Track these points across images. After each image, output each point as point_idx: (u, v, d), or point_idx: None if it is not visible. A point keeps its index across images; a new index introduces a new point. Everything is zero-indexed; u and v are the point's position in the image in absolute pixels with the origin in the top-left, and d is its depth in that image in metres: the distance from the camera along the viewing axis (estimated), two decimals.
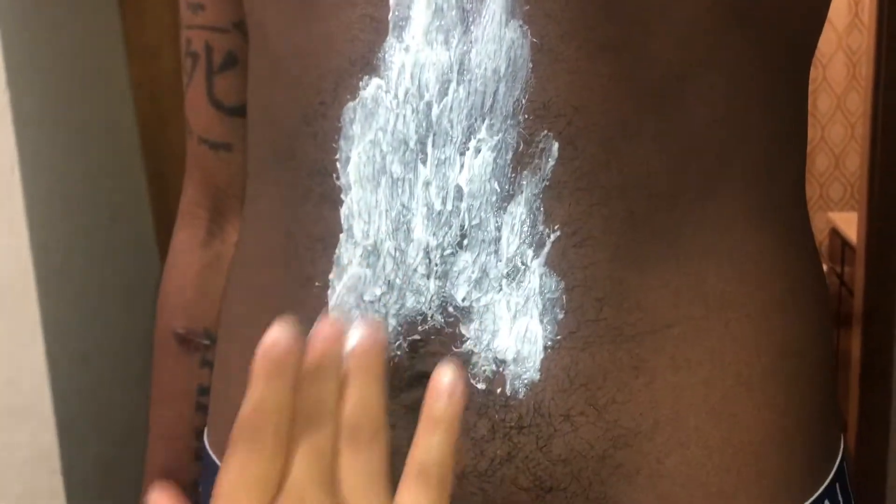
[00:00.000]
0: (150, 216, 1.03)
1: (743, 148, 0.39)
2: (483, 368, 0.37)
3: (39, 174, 0.88)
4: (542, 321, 0.36)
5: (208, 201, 0.56)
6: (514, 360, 0.36)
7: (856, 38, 2.55)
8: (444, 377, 0.28)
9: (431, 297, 0.38)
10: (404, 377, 0.38)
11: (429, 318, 0.38)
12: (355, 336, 0.29)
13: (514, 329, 0.37)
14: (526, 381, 0.36)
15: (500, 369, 0.37)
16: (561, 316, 0.36)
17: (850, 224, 2.21)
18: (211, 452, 0.49)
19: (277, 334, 0.28)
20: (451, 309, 0.37)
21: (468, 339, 0.37)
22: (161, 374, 0.58)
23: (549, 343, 0.36)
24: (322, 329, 0.29)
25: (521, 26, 0.36)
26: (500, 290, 0.37)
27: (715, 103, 0.38)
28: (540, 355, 0.36)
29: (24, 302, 0.87)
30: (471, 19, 0.37)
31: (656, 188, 0.37)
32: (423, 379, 0.38)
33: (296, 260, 0.42)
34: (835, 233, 2.46)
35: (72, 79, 0.93)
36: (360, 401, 0.28)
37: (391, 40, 0.38)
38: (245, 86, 0.53)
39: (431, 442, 0.28)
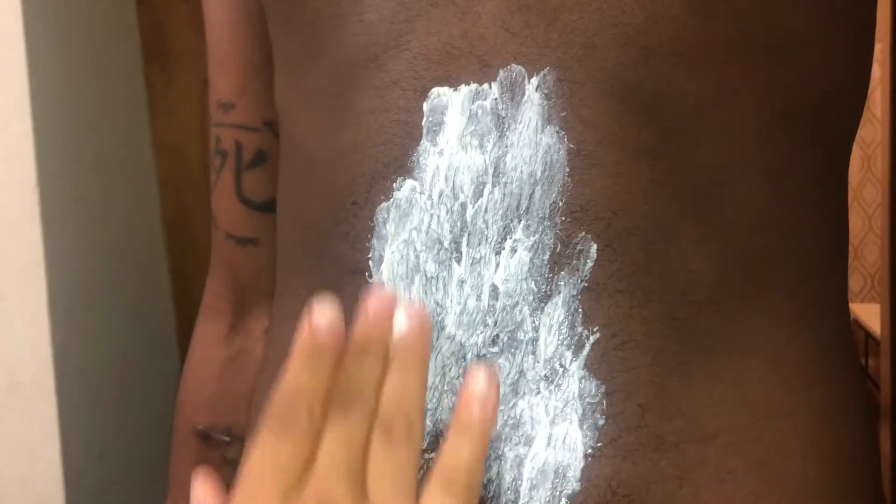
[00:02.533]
0: (172, 313, 1.03)
1: (786, 252, 0.39)
2: (521, 480, 0.35)
3: (64, 269, 0.89)
4: (581, 427, 0.35)
5: (232, 296, 0.56)
6: (555, 468, 0.35)
7: (869, 130, 2.58)
8: (478, 384, 0.27)
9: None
10: None
11: None
12: (403, 319, 0.27)
13: (553, 435, 0.35)
14: (567, 493, 0.35)
15: (541, 480, 0.35)
16: (601, 422, 0.35)
17: (872, 316, 2.18)
18: None
19: (322, 313, 0.26)
20: None
21: (504, 444, 0.36)
22: (180, 471, 0.56)
23: (590, 451, 0.35)
24: (374, 302, 0.27)
25: (557, 132, 0.37)
26: (538, 392, 0.36)
27: (757, 208, 0.38)
28: (580, 464, 0.35)
29: (41, 398, 0.86)
30: (506, 125, 0.37)
31: (698, 292, 0.37)
32: None
33: None
34: (856, 324, 2.43)
35: (100, 175, 0.94)
36: (399, 391, 0.26)
37: (425, 144, 0.38)
38: (273, 182, 0.53)
39: (462, 449, 0.26)
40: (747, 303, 0.37)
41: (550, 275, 0.36)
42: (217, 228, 0.56)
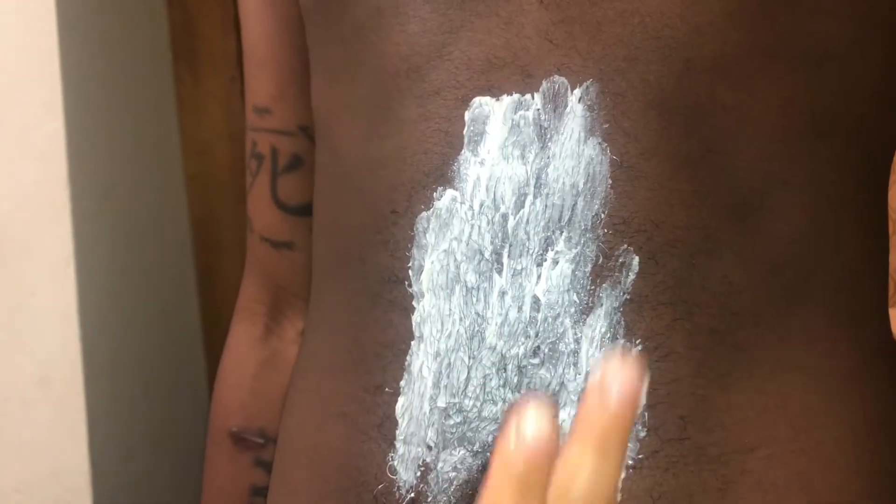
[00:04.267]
0: (198, 312, 1.04)
1: (827, 263, 0.38)
2: None
3: (94, 266, 0.90)
4: None
5: (267, 298, 0.56)
6: None
7: None
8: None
9: (507, 409, 0.37)
10: (477, 491, 0.37)
11: None
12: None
13: None
14: None
15: None
16: (643, 434, 0.35)
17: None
18: None
19: (533, 424, 0.20)
20: None
21: None
22: (213, 473, 0.57)
23: (631, 462, 0.35)
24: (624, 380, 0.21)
25: (599, 143, 0.37)
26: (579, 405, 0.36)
27: (798, 218, 0.38)
28: (622, 475, 0.35)
29: (70, 394, 0.87)
30: (548, 136, 0.37)
31: (739, 304, 0.37)
32: None
33: (363, 367, 0.41)
34: None
35: (130, 174, 0.95)
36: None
37: (466, 154, 0.38)
38: (309, 186, 0.53)
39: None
40: (788, 314, 0.37)
41: (592, 287, 0.36)
42: (252, 231, 0.56)
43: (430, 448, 0.38)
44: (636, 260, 0.36)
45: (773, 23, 0.37)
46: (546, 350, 0.36)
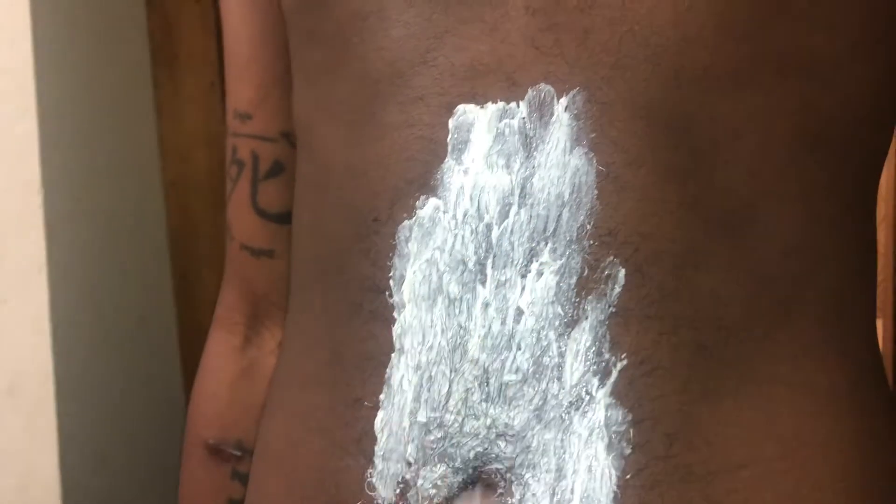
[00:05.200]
0: (175, 320, 1.02)
1: (816, 279, 0.38)
2: None
3: (67, 273, 0.88)
4: (607, 456, 0.34)
5: (246, 307, 0.55)
6: (580, 499, 0.34)
7: None
8: None
9: (489, 423, 0.36)
10: None
11: (486, 448, 0.36)
12: None
13: (578, 464, 0.35)
14: None
15: None
16: (628, 451, 0.34)
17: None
18: None
19: None
20: (509, 438, 0.36)
21: (526, 471, 0.35)
22: (189, 485, 0.55)
23: (616, 481, 0.34)
24: None
25: (586, 153, 0.36)
26: (563, 420, 0.35)
27: (787, 232, 0.37)
28: (606, 494, 0.34)
29: (41, 404, 0.85)
30: (533, 145, 0.37)
31: (727, 318, 0.36)
32: None
33: (343, 379, 0.40)
34: None
35: (105, 178, 0.94)
36: None
37: (450, 162, 0.38)
38: (290, 193, 0.52)
39: None
40: (776, 330, 0.37)
41: (577, 299, 0.35)
42: (232, 239, 0.55)
43: (409, 464, 0.37)
44: (622, 272, 0.35)
45: (765, 34, 0.36)
46: (530, 364, 0.36)
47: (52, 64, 0.87)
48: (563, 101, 0.36)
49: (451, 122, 0.38)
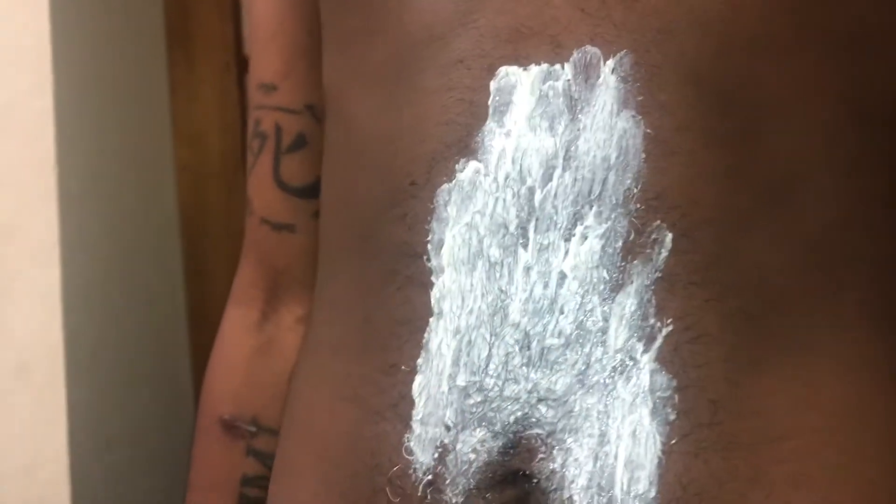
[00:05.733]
0: (184, 301, 1.01)
1: (861, 250, 0.37)
2: (587, 473, 0.34)
3: (80, 251, 0.87)
4: (651, 422, 0.34)
5: (264, 283, 0.54)
6: (624, 464, 0.34)
7: None
8: None
9: (530, 388, 0.35)
10: (497, 474, 0.35)
11: (527, 412, 0.35)
12: None
13: (621, 429, 0.34)
14: (636, 488, 0.34)
15: (608, 475, 0.34)
16: (672, 417, 0.34)
17: None
18: None
19: None
20: (551, 403, 0.35)
21: (568, 435, 0.35)
22: (202, 461, 0.55)
23: (660, 446, 0.34)
24: None
25: (633, 116, 0.36)
26: (606, 384, 0.35)
27: (833, 204, 0.37)
28: (654, 461, 0.34)
29: (50, 382, 0.84)
30: (578, 108, 0.36)
31: (773, 288, 0.35)
32: (516, 477, 0.35)
33: (376, 345, 0.40)
34: None
35: (119, 157, 0.93)
36: None
37: (491, 125, 0.37)
38: (313, 167, 0.52)
39: None
40: (821, 301, 0.36)
41: (623, 264, 0.35)
42: (252, 213, 0.54)
43: (448, 428, 0.36)
44: (669, 237, 0.35)
45: (814, 4, 0.36)
46: (573, 328, 0.35)
47: (69, 41, 0.86)
48: (610, 63, 0.36)
49: (493, 85, 0.37)
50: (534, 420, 0.35)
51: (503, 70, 0.37)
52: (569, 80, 0.36)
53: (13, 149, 0.84)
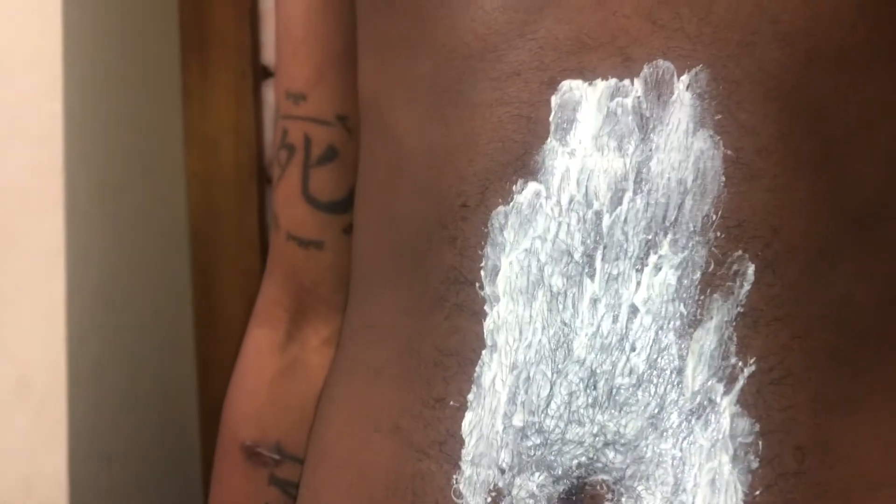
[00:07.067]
0: (192, 316, 0.98)
1: None
2: None
3: (86, 262, 0.84)
4: (733, 470, 0.31)
5: (289, 302, 0.52)
6: None
7: None
8: None
9: (596, 431, 0.32)
10: None
11: (592, 457, 0.32)
12: None
13: (699, 478, 0.31)
14: None
15: None
16: (755, 465, 0.31)
17: None
18: None
19: None
20: (619, 447, 0.32)
21: (639, 483, 0.32)
22: (222, 489, 0.52)
23: (742, 497, 0.31)
24: None
25: (711, 136, 0.33)
26: (682, 429, 0.32)
27: None
28: None
29: (51, 398, 0.82)
30: (650, 126, 0.34)
31: (861, 322, 0.33)
32: None
33: (420, 375, 0.37)
34: None
35: (128, 164, 0.90)
36: None
37: (553, 143, 0.34)
38: (343, 180, 0.49)
39: None
40: None
41: (701, 297, 0.32)
42: (278, 228, 0.52)
43: (502, 471, 0.33)
44: (752, 268, 0.32)
45: None
46: (644, 367, 0.32)
47: (81, 43, 0.84)
48: (685, 78, 0.33)
49: (555, 100, 0.35)
50: (600, 465, 0.32)
51: (566, 84, 0.35)
52: (639, 97, 0.34)
53: (20, 154, 0.81)
